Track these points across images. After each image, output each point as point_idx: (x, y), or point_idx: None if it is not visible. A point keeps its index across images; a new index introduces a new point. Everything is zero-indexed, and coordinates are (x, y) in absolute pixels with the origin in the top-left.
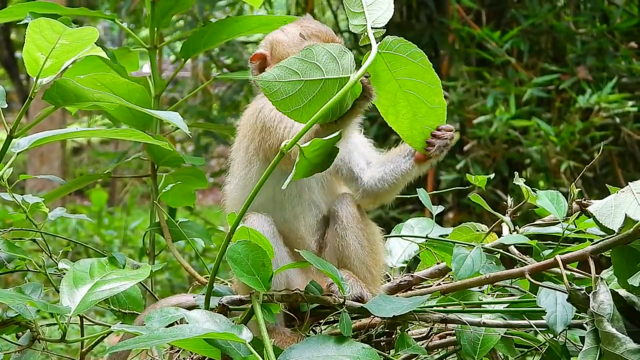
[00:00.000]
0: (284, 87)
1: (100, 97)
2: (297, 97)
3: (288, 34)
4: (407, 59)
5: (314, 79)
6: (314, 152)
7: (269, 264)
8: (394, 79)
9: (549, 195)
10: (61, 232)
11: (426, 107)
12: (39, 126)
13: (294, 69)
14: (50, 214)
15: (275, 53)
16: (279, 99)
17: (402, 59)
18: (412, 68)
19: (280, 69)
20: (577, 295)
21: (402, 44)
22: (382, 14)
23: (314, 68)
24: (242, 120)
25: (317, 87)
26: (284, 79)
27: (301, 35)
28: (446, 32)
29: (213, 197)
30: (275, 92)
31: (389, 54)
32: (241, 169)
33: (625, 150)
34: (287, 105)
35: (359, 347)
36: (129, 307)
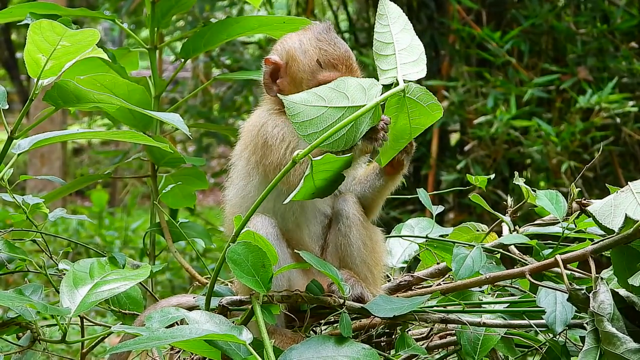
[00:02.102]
0: (307, 110)
1: (100, 98)
2: (317, 121)
3: (306, 54)
4: (424, 107)
5: (338, 106)
6: (322, 171)
7: (269, 265)
8: (408, 126)
9: (548, 195)
10: (62, 233)
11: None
12: (40, 127)
13: (322, 95)
14: (51, 215)
15: (290, 69)
16: (298, 120)
17: (421, 107)
18: (426, 119)
19: (310, 94)
20: (577, 295)
21: (424, 93)
22: (414, 72)
23: (341, 97)
24: (246, 126)
25: (339, 114)
26: (309, 104)
27: (318, 62)
28: (447, 33)
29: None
30: (298, 114)
31: (412, 100)
32: (240, 179)
33: (625, 150)
34: (305, 128)
35: (359, 348)
36: (129, 308)
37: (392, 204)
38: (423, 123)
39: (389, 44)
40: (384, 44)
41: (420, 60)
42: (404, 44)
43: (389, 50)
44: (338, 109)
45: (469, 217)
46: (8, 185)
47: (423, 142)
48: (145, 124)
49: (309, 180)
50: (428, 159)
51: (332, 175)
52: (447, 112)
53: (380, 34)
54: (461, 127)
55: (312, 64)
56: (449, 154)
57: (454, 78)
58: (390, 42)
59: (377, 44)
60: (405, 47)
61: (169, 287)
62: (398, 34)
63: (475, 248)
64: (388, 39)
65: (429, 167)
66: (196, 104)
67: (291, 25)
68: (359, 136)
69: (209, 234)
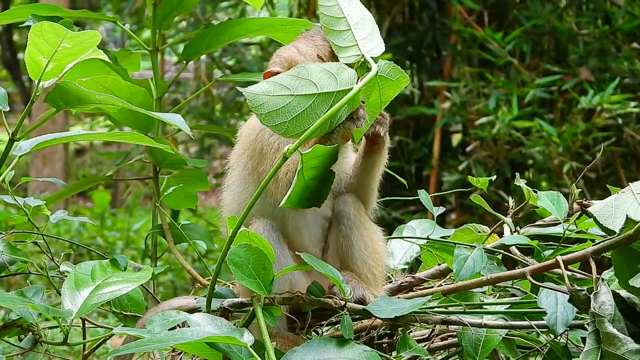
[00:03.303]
0: (271, 100)
1: (102, 100)
2: (284, 110)
3: (305, 55)
4: (395, 82)
5: (305, 93)
6: (312, 168)
7: (270, 267)
8: (379, 99)
9: (549, 196)
10: (64, 234)
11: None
12: (41, 128)
13: (284, 84)
14: (52, 217)
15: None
16: (264, 112)
17: (391, 82)
18: (394, 90)
19: (270, 84)
20: (579, 296)
21: (393, 69)
22: (375, 47)
23: (307, 84)
24: (245, 129)
25: (309, 102)
26: (272, 93)
27: (319, 57)
28: (448, 34)
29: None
30: (260, 105)
31: (383, 77)
32: (237, 185)
33: (627, 151)
34: (273, 118)
35: (360, 350)
36: (131, 310)
37: (394, 204)
38: (391, 95)
39: (340, 18)
40: (334, 18)
41: (374, 33)
42: (355, 18)
43: (342, 25)
44: (306, 97)
45: (471, 217)
46: (10, 186)
47: (425, 142)
48: (147, 125)
49: (300, 178)
50: (430, 159)
51: (321, 170)
52: (449, 112)
53: (327, 8)
54: (463, 127)
55: (313, 60)
56: (450, 155)
57: (456, 79)
58: (342, 17)
59: (325, 18)
60: (358, 20)
61: (171, 288)
62: (347, 7)
63: (476, 249)
64: (338, 13)
65: (431, 168)
66: (198, 105)
67: (291, 27)
68: (337, 121)
69: (210, 235)
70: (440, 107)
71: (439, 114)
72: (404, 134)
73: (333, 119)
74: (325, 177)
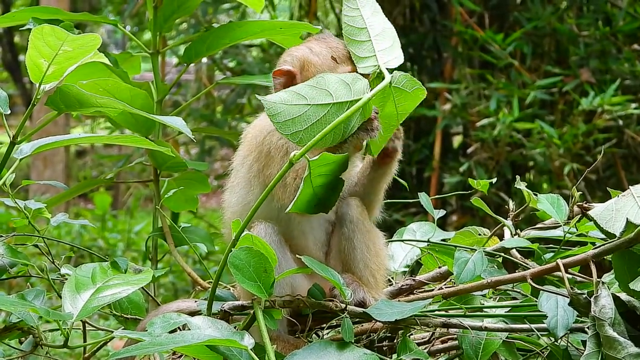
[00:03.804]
0: (288, 109)
1: (102, 103)
2: (300, 119)
3: (319, 56)
4: (411, 94)
5: (321, 103)
6: (320, 175)
7: (271, 270)
8: (395, 112)
9: (549, 199)
10: (65, 235)
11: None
12: (43, 130)
13: (302, 94)
14: (53, 220)
15: (306, 73)
16: (280, 120)
17: (407, 94)
18: (412, 103)
19: (288, 93)
20: (579, 300)
21: (409, 80)
22: (393, 59)
23: (323, 94)
24: (251, 130)
25: (324, 111)
26: (289, 102)
27: (333, 58)
28: (449, 35)
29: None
30: (277, 114)
31: (398, 88)
32: (242, 187)
33: (628, 152)
34: (289, 127)
35: (361, 353)
36: (132, 312)
37: (395, 206)
38: (409, 107)
39: (362, 29)
40: (356, 28)
41: (395, 45)
42: (377, 29)
43: (363, 35)
44: (322, 106)
45: (471, 219)
46: (11, 189)
47: (426, 144)
48: (148, 128)
49: (308, 184)
50: (431, 161)
51: (330, 178)
52: (450, 114)
53: (350, 18)
54: (464, 129)
55: (328, 61)
56: (451, 157)
57: (457, 80)
58: (364, 27)
59: (348, 28)
60: (379, 32)
61: (171, 290)
62: (370, 18)
63: (476, 252)
64: (360, 23)
65: (432, 170)
66: (199, 107)
67: (292, 30)
68: (350, 131)
69: (211, 237)
70: (441, 108)
71: (440, 116)
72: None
73: (345, 129)
74: (335, 184)
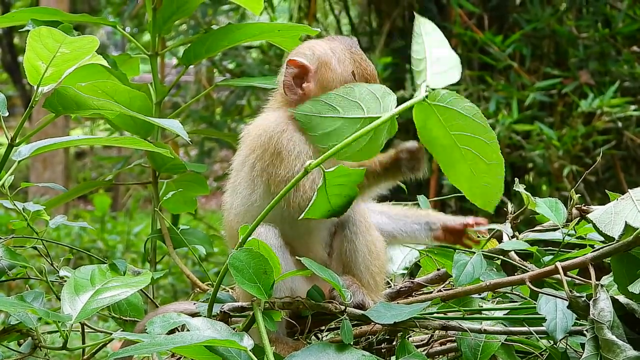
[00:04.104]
0: (322, 122)
1: (101, 105)
2: (335, 133)
3: (341, 65)
4: (461, 113)
5: (354, 117)
6: (337, 186)
7: (271, 272)
8: (449, 134)
9: (547, 202)
10: (64, 237)
11: (484, 164)
12: (42, 132)
13: (333, 104)
14: (52, 222)
15: (321, 75)
16: (316, 133)
17: (455, 113)
18: (466, 123)
19: (319, 104)
20: (578, 303)
21: (455, 98)
22: (441, 80)
23: (355, 106)
24: (253, 129)
25: (356, 125)
26: (322, 114)
27: (353, 74)
28: (449, 37)
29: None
30: (313, 127)
31: (441, 106)
32: (244, 187)
33: (627, 154)
34: (325, 141)
35: (360, 355)
36: (130, 315)
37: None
38: (465, 128)
39: (422, 59)
40: (418, 60)
41: (451, 69)
42: (436, 57)
43: (422, 64)
44: (354, 121)
45: None
46: (9, 191)
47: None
48: (147, 129)
49: (322, 195)
50: (430, 163)
51: (347, 190)
52: None
53: (415, 52)
54: None
55: (346, 74)
56: None
57: (456, 82)
58: (423, 57)
59: (413, 61)
60: (437, 59)
61: (171, 291)
62: (431, 48)
63: (475, 255)
64: (421, 54)
65: (431, 172)
66: (198, 109)
67: (290, 32)
68: (380, 146)
69: (209, 239)
70: None
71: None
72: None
73: (375, 145)
74: (350, 194)
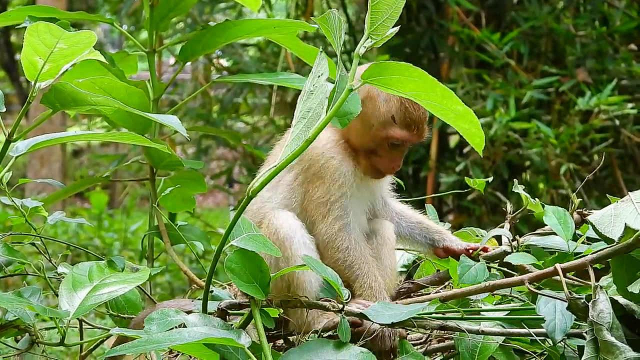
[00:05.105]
0: None
1: (98, 101)
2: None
3: (386, 104)
4: (407, 79)
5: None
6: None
7: (266, 270)
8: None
9: (556, 212)
10: (62, 234)
11: (452, 114)
12: (39, 129)
13: None
14: (50, 218)
15: (365, 108)
16: None
17: (397, 80)
18: (416, 84)
19: None
20: (577, 304)
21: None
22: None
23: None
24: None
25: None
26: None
27: (393, 118)
28: (446, 35)
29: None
30: None
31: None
32: (286, 190)
33: (625, 152)
34: None
35: (358, 352)
36: (128, 312)
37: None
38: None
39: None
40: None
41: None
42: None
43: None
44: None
45: (468, 219)
46: (7, 187)
47: (422, 144)
48: (144, 126)
49: None
50: (427, 160)
51: None
52: None
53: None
54: None
55: (387, 115)
56: (448, 156)
57: (454, 80)
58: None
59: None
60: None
61: (168, 289)
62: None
63: (480, 263)
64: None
65: (428, 169)
66: (195, 106)
67: (288, 29)
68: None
69: (207, 236)
70: None
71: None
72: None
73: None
74: None
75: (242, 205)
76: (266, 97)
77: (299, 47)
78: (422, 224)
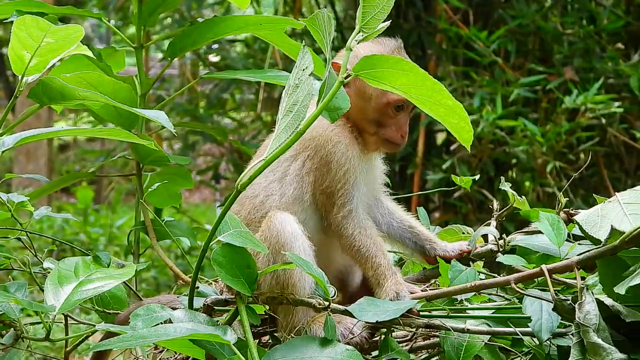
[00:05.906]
0: None
1: (85, 96)
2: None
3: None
4: (398, 72)
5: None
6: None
7: (254, 266)
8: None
9: (549, 219)
10: (47, 230)
11: (443, 108)
12: (25, 124)
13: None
14: (36, 213)
15: (359, 82)
16: None
17: (388, 73)
18: (408, 78)
19: None
20: (563, 306)
21: (378, 60)
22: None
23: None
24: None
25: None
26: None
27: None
28: (434, 32)
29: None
30: None
31: (372, 72)
32: (295, 181)
33: (611, 151)
34: None
35: (343, 349)
36: (113, 307)
37: None
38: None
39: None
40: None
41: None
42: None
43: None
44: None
45: (454, 216)
46: None
47: (409, 141)
48: (131, 122)
49: None
50: (414, 158)
51: None
52: None
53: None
54: None
55: (387, 107)
56: (435, 153)
57: (441, 77)
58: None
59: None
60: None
61: (153, 284)
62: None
63: (471, 268)
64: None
65: (415, 167)
66: (182, 102)
67: (275, 25)
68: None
69: (193, 232)
70: None
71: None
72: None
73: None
74: None
75: (230, 200)
76: (253, 93)
77: (286, 44)
78: (413, 229)
